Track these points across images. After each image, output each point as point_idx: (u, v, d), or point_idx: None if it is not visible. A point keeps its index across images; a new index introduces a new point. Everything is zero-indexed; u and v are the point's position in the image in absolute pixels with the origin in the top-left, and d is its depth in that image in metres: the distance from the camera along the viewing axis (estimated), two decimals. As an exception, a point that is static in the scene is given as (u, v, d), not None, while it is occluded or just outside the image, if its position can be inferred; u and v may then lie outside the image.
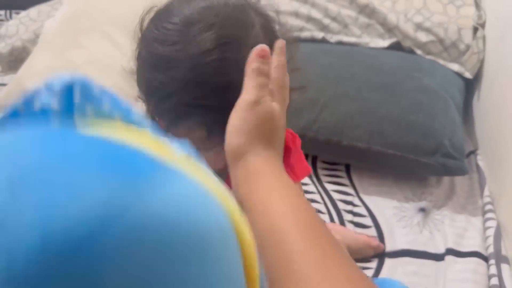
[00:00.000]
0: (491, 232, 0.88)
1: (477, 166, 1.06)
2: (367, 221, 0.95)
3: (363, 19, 1.27)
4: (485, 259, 0.85)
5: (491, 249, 0.85)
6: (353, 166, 1.07)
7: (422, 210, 0.96)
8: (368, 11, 1.26)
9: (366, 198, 1.00)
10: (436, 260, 0.86)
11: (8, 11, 1.81)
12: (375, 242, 0.88)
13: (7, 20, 1.80)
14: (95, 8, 1.37)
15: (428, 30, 1.23)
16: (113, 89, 0.77)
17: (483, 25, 1.22)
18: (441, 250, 0.87)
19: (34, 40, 1.47)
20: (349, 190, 1.02)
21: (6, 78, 1.48)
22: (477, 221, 0.93)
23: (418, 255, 0.87)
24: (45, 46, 1.34)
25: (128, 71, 0.66)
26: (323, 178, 1.05)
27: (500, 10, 1.15)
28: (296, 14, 1.29)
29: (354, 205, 0.99)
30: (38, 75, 1.26)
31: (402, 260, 0.86)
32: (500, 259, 0.83)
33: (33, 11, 1.58)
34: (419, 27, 1.24)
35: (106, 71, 1.22)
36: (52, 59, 1.28)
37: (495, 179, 0.99)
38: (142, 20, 0.54)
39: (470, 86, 1.21)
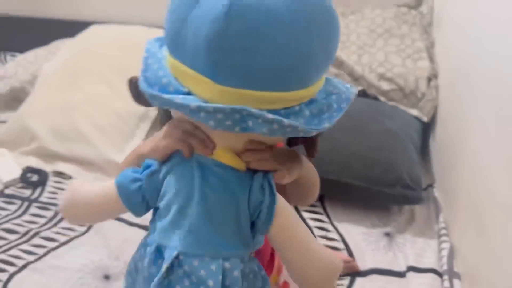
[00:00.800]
0: (445, 252, 1.02)
1: (434, 197, 1.21)
2: (339, 244, 1.07)
3: (332, 70, 1.45)
4: (440, 275, 0.98)
5: (445, 267, 0.98)
6: (327, 196, 1.20)
7: (387, 234, 1.10)
8: (337, 63, 1.45)
9: (338, 225, 1.13)
10: (399, 277, 0.98)
11: (3, 53, 1.91)
12: (353, 261, 1.00)
13: (3, 61, 1.90)
14: (92, 53, 1.51)
15: (389, 80, 1.42)
16: (108, 126, 0.98)
17: (436, 76, 1.41)
18: (403, 268, 1.00)
19: (32, 81, 1.58)
20: (323, 218, 1.15)
21: (3, 116, 1.56)
22: (433, 243, 1.07)
23: (384, 273, 0.99)
24: (44, 88, 1.45)
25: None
26: (301, 208, 1.17)
27: (450, 63, 1.35)
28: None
29: (328, 231, 1.11)
30: (38, 113, 1.37)
31: (370, 278, 0.98)
32: (452, 275, 0.96)
33: (30, 55, 1.70)
34: (381, 77, 1.42)
35: (102, 110, 1.35)
36: (51, 99, 1.40)
37: (449, 208, 1.14)
38: None
39: (427, 128, 1.38)
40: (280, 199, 0.52)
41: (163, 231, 0.52)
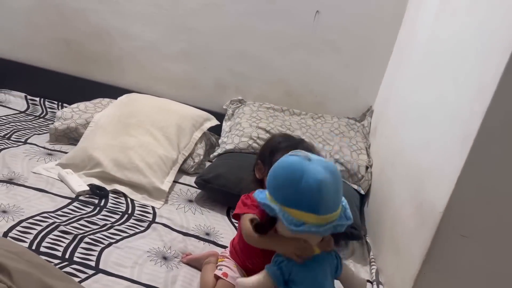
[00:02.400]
0: (374, 271, 1.64)
1: (367, 241, 1.86)
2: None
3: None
4: (371, 283, 1.59)
5: (374, 278, 1.60)
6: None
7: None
8: (310, 147, 2.13)
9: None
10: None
11: (59, 103, 2.41)
12: None
13: (58, 109, 2.39)
14: (140, 113, 2.07)
15: (341, 164, 2.12)
16: (154, 164, 1.63)
17: (371, 166, 2.15)
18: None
19: (85, 125, 2.09)
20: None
21: (56, 146, 2.03)
22: (367, 267, 1.69)
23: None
24: (102, 131, 1.97)
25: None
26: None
27: (380, 158, 2.09)
28: (269, 141, 2.12)
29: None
30: (100, 148, 1.87)
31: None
32: (378, 283, 1.58)
33: (81, 105, 2.22)
34: (337, 161, 2.13)
35: (149, 153, 1.90)
36: (110, 139, 1.91)
37: (375, 248, 1.79)
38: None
39: (363, 198, 2.08)
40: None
41: None
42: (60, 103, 2.48)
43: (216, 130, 2.37)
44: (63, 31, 2.46)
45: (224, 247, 1.58)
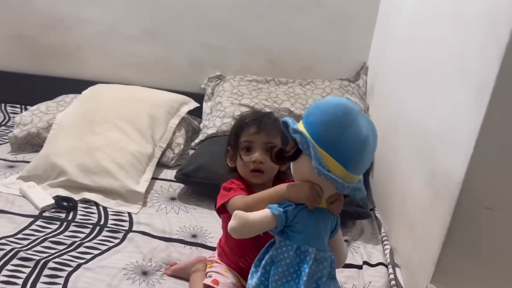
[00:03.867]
0: (387, 251, 1.44)
1: (376, 216, 1.66)
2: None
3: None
4: (386, 266, 1.39)
5: (388, 260, 1.40)
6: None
7: (346, 241, 1.50)
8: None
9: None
10: (358, 268, 1.38)
11: (22, 106, 2.17)
12: None
13: (3, 112, 2.16)
14: (105, 107, 1.85)
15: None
16: (126, 164, 1.41)
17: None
18: (360, 262, 1.40)
19: (47, 128, 1.87)
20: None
21: (19, 156, 1.81)
22: (379, 247, 1.49)
23: (347, 266, 1.37)
24: (65, 133, 1.75)
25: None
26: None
27: (380, 121, 1.86)
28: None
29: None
30: (63, 153, 1.65)
31: (338, 270, 1.36)
32: (394, 265, 1.38)
33: (42, 106, 1.99)
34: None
35: (120, 151, 1.68)
36: (73, 142, 1.70)
37: (386, 223, 1.59)
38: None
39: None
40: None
41: (301, 240, 0.94)
42: (23, 106, 2.25)
43: (198, 113, 2.14)
44: (13, 27, 2.21)
45: (214, 249, 1.39)
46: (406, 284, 1.30)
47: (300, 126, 0.92)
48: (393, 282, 1.31)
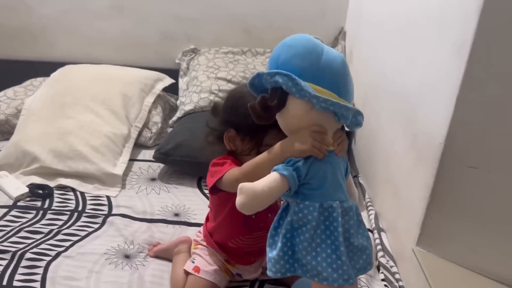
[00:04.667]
0: (372, 216, 1.43)
1: (360, 183, 1.64)
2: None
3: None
4: (371, 231, 1.38)
5: (374, 225, 1.40)
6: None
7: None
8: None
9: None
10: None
11: None
12: None
13: None
14: (75, 88, 1.77)
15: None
16: (101, 146, 1.33)
17: (352, 97, 1.89)
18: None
19: (16, 114, 1.78)
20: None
21: (-10, 146, 1.74)
22: (364, 213, 1.48)
23: None
24: (35, 118, 1.67)
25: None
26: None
27: (361, 86, 1.82)
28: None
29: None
30: (34, 139, 1.58)
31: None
32: (379, 230, 1.37)
33: (9, 92, 1.90)
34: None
35: (94, 134, 1.62)
36: (45, 127, 1.62)
37: (370, 189, 1.57)
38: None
39: (349, 135, 1.83)
40: None
41: (322, 196, 0.81)
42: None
43: (174, 90, 2.07)
44: (-29, 9, 2.08)
45: (199, 225, 1.36)
46: (392, 248, 1.30)
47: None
48: (379, 247, 1.30)
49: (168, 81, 1.98)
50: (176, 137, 1.62)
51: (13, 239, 1.25)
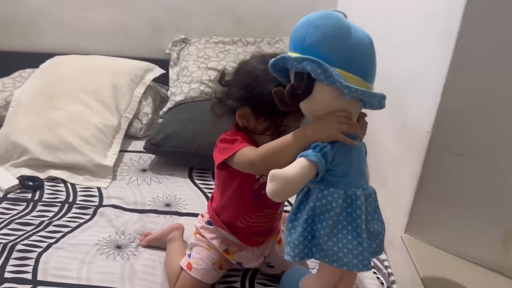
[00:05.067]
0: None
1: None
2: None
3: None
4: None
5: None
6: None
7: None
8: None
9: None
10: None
11: None
12: None
13: None
14: (64, 79, 1.76)
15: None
16: (91, 137, 1.50)
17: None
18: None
19: (5, 106, 1.77)
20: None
21: (-21, 138, 1.72)
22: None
23: None
24: (24, 110, 1.66)
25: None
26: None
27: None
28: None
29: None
30: (24, 131, 1.57)
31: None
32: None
33: (-2, 83, 1.87)
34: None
35: (84, 125, 1.61)
36: (34, 118, 1.61)
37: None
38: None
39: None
40: None
41: (347, 183, 0.80)
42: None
43: (165, 81, 2.06)
44: (-44, 0, 2.04)
45: (190, 215, 1.37)
46: (382, 235, 1.32)
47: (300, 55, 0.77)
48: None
49: (158, 71, 1.97)
50: (166, 127, 1.62)
51: (4, 231, 1.24)
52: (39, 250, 1.18)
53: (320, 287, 0.90)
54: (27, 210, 1.35)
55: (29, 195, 1.42)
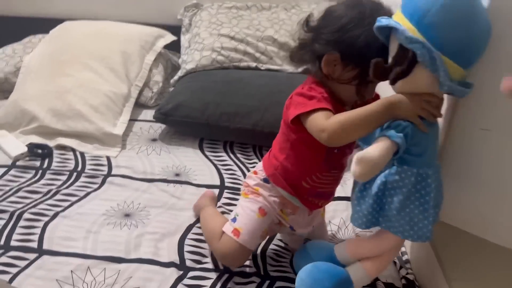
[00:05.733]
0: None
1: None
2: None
3: (283, 53, 1.78)
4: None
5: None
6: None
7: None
8: (286, 47, 1.78)
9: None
10: (347, 201, 1.32)
11: None
12: None
13: None
14: (74, 45, 1.71)
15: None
16: (100, 105, 1.39)
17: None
18: (349, 194, 1.35)
19: (16, 72, 1.75)
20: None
21: (-9, 104, 1.71)
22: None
23: (336, 199, 1.29)
24: (34, 76, 1.63)
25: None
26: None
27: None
28: (236, 50, 1.77)
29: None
30: (33, 97, 1.55)
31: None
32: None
33: (8, 49, 1.85)
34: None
35: (93, 92, 1.57)
36: (43, 85, 1.58)
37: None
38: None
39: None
40: None
41: (421, 163, 0.82)
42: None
43: (178, 48, 2.00)
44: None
45: (200, 186, 1.33)
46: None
47: (410, 29, 0.75)
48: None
49: (169, 38, 1.91)
50: (176, 97, 1.57)
51: (12, 198, 1.24)
52: (46, 219, 1.17)
53: (375, 249, 0.94)
54: (36, 178, 1.33)
55: (37, 163, 1.40)
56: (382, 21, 0.79)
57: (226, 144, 1.56)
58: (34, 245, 1.09)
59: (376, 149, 0.77)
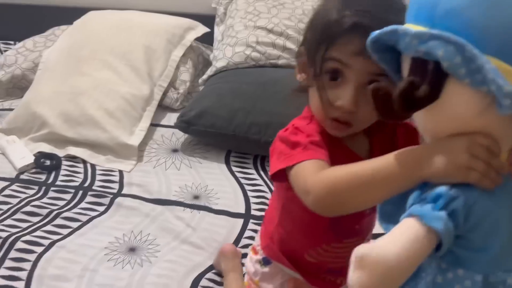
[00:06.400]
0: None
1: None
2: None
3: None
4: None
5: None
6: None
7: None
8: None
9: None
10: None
11: (16, 43, 1.84)
12: None
13: None
14: (94, 39, 1.54)
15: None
16: (116, 110, 1.03)
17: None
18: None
19: (34, 68, 1.60)
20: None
21: (6, 104, 1.58)
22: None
23: None
24: (49, 74, 1.48)
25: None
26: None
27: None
28: (273, 45, 1.52)
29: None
30: (45, 100, 1.39)
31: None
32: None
33: (28, 43, 1.71)
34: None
35: (109, 95, 1.39)
36: (57, 85, 1.43)
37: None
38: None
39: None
40: None
41: (489, 263, 0.48)
42: (17, 43, 1.96)
43: (212, 40, 1.78)
44: None
45: (219, 212, 1.13)
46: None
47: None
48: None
49: (201, 30, 1.69)
50: (201, 101, 1.36)
51: (8, 221, 1.09)
52: (40, 250, 1.01)
53: None
54: (38, 195, 1.18)
55: (43, 177, 1.25)
56: (373, 34, 0.49)
57: (257, 158, 1.34)
58: (21, 285, 0.93)
59: (392, 241, 0.45)
